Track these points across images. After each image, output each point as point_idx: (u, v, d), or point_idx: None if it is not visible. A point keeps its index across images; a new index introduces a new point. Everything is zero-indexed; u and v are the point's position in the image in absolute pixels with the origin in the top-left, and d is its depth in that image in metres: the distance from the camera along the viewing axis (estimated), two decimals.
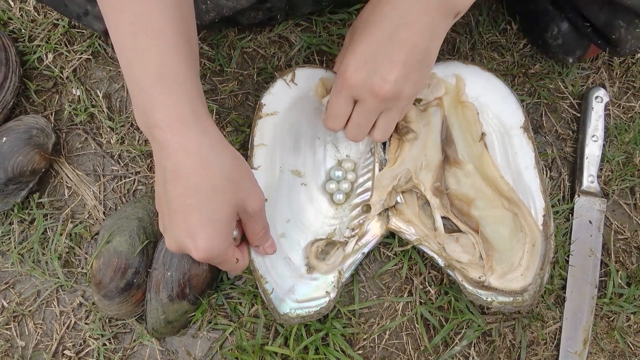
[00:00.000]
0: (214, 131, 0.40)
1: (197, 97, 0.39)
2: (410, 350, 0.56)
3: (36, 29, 0.61)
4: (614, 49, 0.51)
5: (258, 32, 0.62)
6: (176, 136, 0.38)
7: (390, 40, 0.40)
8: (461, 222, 0.54)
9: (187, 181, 0.38)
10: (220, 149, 0.40)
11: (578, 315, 0.56)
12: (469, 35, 0.63)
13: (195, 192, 0.39)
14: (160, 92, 0.38)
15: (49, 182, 0.60)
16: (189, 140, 0.38)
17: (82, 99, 0.60)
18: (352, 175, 0.56)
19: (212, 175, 0.39)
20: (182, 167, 0.38)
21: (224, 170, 0.39)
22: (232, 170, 0.40)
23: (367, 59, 0.41)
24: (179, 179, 0.39)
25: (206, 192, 0.39)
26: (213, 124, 0.41)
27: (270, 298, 0.51)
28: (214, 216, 0.40)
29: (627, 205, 0.61)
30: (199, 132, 0.39)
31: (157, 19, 0.38)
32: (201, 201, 0.39)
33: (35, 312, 0.57)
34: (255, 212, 0.43)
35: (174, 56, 0.38)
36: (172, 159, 0.38)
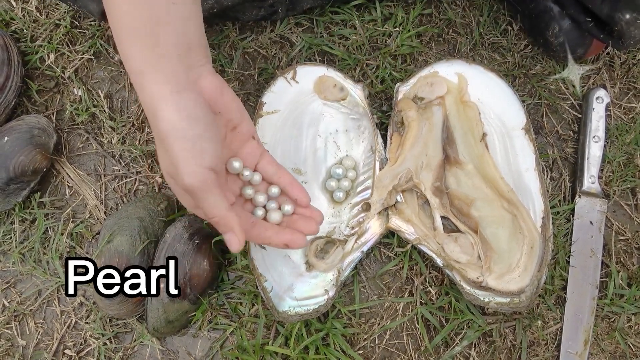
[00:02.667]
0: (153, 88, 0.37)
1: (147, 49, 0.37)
2: (411, 350, 0.56)
3: (38, 29, 0.62)
4: (618, 42, 0.51)
5: (259, 33, 0.62)
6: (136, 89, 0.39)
7: None
8: (460, 222, 0.54)
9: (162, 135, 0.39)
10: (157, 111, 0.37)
11: (579, 316, 0.56)
12: (470, 35, 0.63)
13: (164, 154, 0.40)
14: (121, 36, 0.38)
15: (50, 182, 0.60)
16: (140, 95, 0.38)
17: (83, 99, 0.61)
18: (352, 173, 0.56)
19: (154, 132, 0.39)
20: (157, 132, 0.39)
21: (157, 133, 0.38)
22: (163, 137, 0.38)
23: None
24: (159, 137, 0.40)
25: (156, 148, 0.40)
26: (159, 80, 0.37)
27: (269, 296, 0.51)
28: (165, 177, 0.41)
29: (628, 206, 0.61)
30: (140, 87, 0.38)
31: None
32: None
33: (36, 311, 0.57)
34: (185, 189, 0.39)
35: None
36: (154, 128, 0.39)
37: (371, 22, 0.62)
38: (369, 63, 0.61)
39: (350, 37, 0.61)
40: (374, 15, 0.62)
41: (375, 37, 0.61)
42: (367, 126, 0.57)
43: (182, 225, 0.54)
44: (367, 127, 0.57)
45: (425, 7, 0.62)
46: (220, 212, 0.39)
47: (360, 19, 0.61)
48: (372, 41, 0.61)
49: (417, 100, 0.56)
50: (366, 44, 0.61)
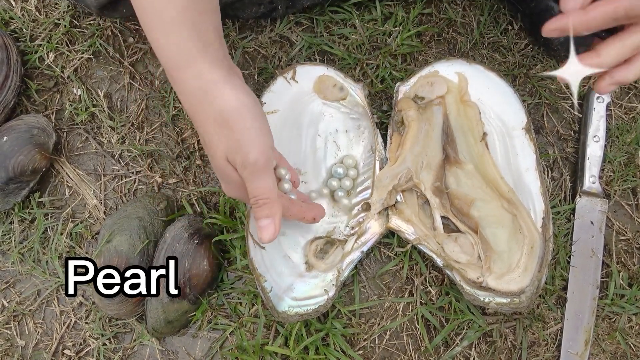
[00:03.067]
0: (210, 75, 0.39)
1: (194, 39, 0.38)
2: (411, 350, 0.56)
3: (37, 28, 0.62)
4: None
5: (259, 32, 0.62)
6: (175, 81, 0.40)
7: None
8: (460, 222, 0.54)
9: (193, 122, 0.41)
10: (216, 94, 0.39)
11: (579, 316, 0.56)
12: (470, 35, 0.63)
13: (200, 136, 0.41)
14: (159, 33, 0.38)
15: (49, 182, 0.60)
16: (184, 86, 0.39)
17: (83, 99, 0.60)
18: (353, 172, 0.56)
19: (207, 121, 0.39)
20: (186, 109, 0.41)
21: (217, 116, 0.38)
22: (228, 117, 0.38)
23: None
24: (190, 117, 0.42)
25: (205, 137, 0.40)
26: (213, 66, 0.39)
27: (268, 296, 0.51)
28: (214, 162, 0.41)
29: (629, 205, 0.61)
30: (191, 77, 0.39)
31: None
32: (205, 145, 0.41)
33: (35, 311, 0.57)
34: (243, 167, 0.39)
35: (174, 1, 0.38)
36: (180, 99, 0.41)
37: (371, 21, 0.61)
38: (369, 62, 0.61)
39: (350, 37, 0.61)
40: (374, 14, 0.61)
41: (375, 36, 0.61)
42: (367, 126, 0.57)
43: (181, 225, 0.54)
44: (367, 126, 0.57)
45: (425, 7, 0.62)
46: (273, 195, 0.40)
47: (360, 18, 0.61)
48: (372, 40, 0.61)
49: (418, 99, 0.56)
50: (366, 44, 0.61)
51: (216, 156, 0.40)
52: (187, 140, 0.60)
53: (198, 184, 0.59)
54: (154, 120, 0.61)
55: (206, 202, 0.59)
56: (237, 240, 0.56)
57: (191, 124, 0.60)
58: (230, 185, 0.42)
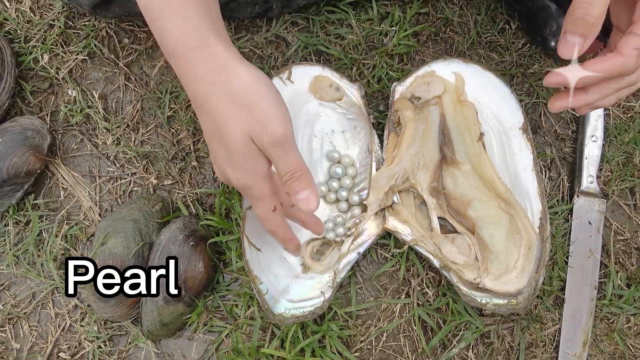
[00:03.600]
0: (224, 54, 0.38)
1: (205, 20, 0.38)
2: (408, 352, 0.55)
3: (32, 29, 0.61)
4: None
5: (255, 32, 0.62)
6: (186, 64, 0.38)
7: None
8: (457, 223, 0.53)
9: (203, 109, 0.39)
10: (230, 72, 0.38)
11: (577, 316, 0.56)
12: (467, 34, 0.62)
13: (212, 120, 0.39)
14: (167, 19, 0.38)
15: (44, 184, 0.59)
16: (196, 68, 0.38)
17: (77, 100, 0.60)
18: (352, 170, 0.56)
19: (221, 102, 0.38)
20: (196, 96, 0.39)
21: (234, 94, 0.38)
22: (246, 95, 0.38)
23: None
24: (197, 107, 0.40)
25: (220, 119, 0.38)
26: (224, 46, 0.38)
27: (264, 298, 0.50)
28: (231, 144, 0.39)
29: (627, 205, 0.60)
30: (205, 57, 0.38)
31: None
32: (218, 128, 0.39)
33: (30, 314, 0.57)
34: (272, 143, 0.38)
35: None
36: (188, 88, 0.39)
37: (367, 21, 0.61)
38: (366, 62, 0.60)
39: (346, 37, 0.60)
40: (371, 14, 0.61)
41: (372, 36, 0.61)
42: (364, 126, 0.56)
43: (176, 227, 0.54)
44: (363, 127, 0.57)
45: (422, 6, 0.62)
46: (304, 166, 0.39)
47: (356, 18, 0.61)
48: (369, 40, 0.61)
49: (414, 99, 0.56)
50: (362, 43, 0.60)
51: (234, 137, 0.38)
52: (183, 141, 0.60)
53: (194, 186, 0.59)
54: (149, 122, 0.60)
55: (202, 204, 0.58)
56: (233, 242, 0.55)
57: (187, 125, 0.60)
58: (244, 170, 0.40)
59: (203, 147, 0.60)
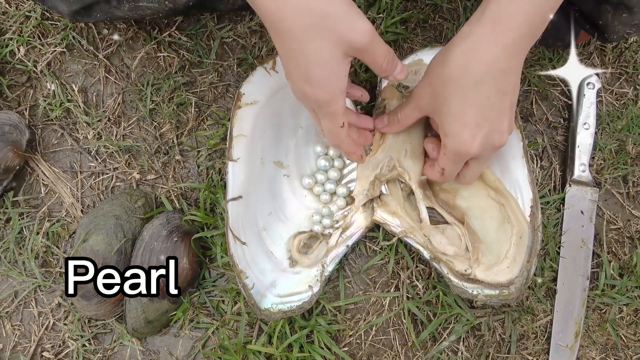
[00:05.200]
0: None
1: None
2: (398, 346, 0.54)
3: (7, 21, 0.59)
4: (602, 35, 0.50)
5: (238, 22, 0.60)
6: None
7: (496, 95, 0.40)
8: (447, 213, 0.52)
9: (282, 29, 0.38)
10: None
11: (569, 307, 0.55)
12: (457, 21, 0.61)
13: (291, 38, 0.38)
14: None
15: (24, 180, 0.58)
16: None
17: (57, 94, 0.58)
18: (339, 162, 0.55)
19: (301, 16, 0.37)
20: (274, 19, 0.38)
21: (313, 7, 0.37)
22: (324, 6, 0.38)
23: (478, 122, 0.41)
24: (277, 32, 0.39)
25: (301, 35, 0.38)
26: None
27: (250, 293, 0.49)
28: (318, 57, 0.39)
29: (620, 194, 0.59)
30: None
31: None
32: (301, 45, 0.38)
33: (12, 313, 0.55)
34: (364, 46, 0.39)
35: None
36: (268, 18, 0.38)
37: None
38: None
39: None
40: (358, 1, 0.59)
41: None
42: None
43: (159, 222, 0.53)
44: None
45: None
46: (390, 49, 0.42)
47: None
48: None
49: (402, 88, 0.55)
50: None
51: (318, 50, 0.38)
52: (166, 134, 0.59)
53: (178, 180, 0.58)
54: (131, 115, 0.59)
55: (186, 199, 0.57)
56: (218, 237, 0.54)
57: (169, 118, 0.58)
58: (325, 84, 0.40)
59: (187, 140, 0.58)
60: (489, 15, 0.39)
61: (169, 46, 0.59)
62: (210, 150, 0.57)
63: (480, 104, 0.40)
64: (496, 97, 0.40)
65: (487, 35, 0.39)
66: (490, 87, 0.40)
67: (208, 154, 0.58)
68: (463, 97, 0.40)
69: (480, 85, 0.40)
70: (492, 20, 0.39)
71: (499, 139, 0.42)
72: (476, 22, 0.40)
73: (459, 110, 0.41)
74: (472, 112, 0.41)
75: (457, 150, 0.42)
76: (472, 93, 0.40)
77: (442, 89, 0.41)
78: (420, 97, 0.45)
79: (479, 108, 0.40)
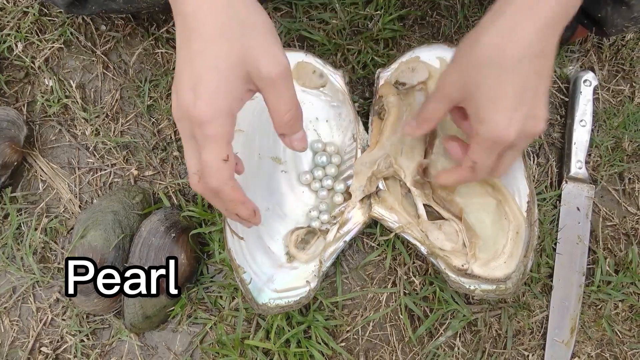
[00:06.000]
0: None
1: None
2: (395, 341, 0.55)
3: (5, 17, 0.59)
4: (601, 29, 0.50)
5: None
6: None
7: (534, 77, 0.38)
8: (444, 210, 0.53)
9: (193, 25, 0.34)
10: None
11: (565, 303, 0.55)
12: (454, 18, 0.61)
13: (199, 35, 0.34)
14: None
15: (22, 176, 0.58)
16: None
17: (55, 90, 0.59)
18: (337, 158, 0.55)
19: (219, 13, 0.34)
20: (188, 12, 0.34)
21: (235, 11, 0.34)
22: (247, 14, 0.34)
23: (516, 106, 0.38)
24: (186, 28, 0.35)
25: (210, 33, 0.34)
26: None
27: (248, 288, 0.50)
28: (216, 61, 0.34)
29: (616, 191, 0.60)
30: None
31: None
32: (205, 43, 0.34)
33: (11, 308, 0.56)
34: (271, 80, 0.35)
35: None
36: (182, 10, 0.35)
37: (352, 5, 0.59)
38: (350, 48, 0.59)
39: (330, 21, 0.59)
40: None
41: (357, 20, 0.59)
42: (348, 114, 0.55)
43: (157, 218, 0.53)
44: (348, 114, 0.55)
45: None
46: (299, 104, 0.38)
47: (340, 2, 0.59)
48: (353, 25, 0.59)
49: (399, 85, 0.55)
50: (347, 28, 0.59)
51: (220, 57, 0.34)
52: (164, 131, 0.59)
53: (176, 176, 0.58)
54: (129, 111, 0.59)
55: (184, 195, 0.57)
56: (216, 233, 0.54)
57: (168, 114, 0.58)
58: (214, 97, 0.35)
59: None
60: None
61: (167, 42, 0.59)
62: None
63: (518, 86, 0.37)
64: (534, 79, 0.37)
65: (523, 15, 0.36)
66: (529, 68, 0.37)
67: None
68: (499, 79, 0.37)
69: (518, 66, 0.37)
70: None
71: (534, 125, 0.39)
72: (509, 1, 0.37)
73: (495, 94, 0.38)
74: (509, 96, 0.37)
75: (493, 137, 0.39)
76: (509, 75, 0.37)
77: (475, 72, 0.38)
78: (448, 86, 0.41)
79: (517, 91, 0.37)
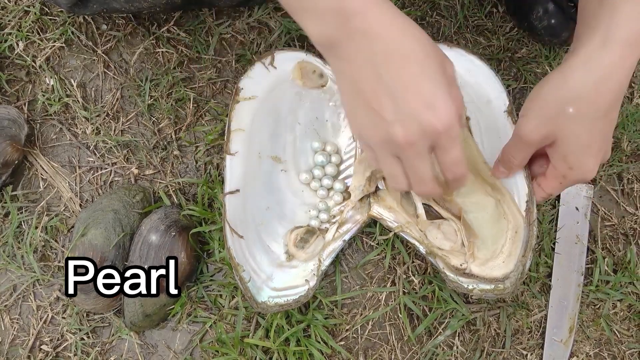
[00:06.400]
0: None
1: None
2: (394, 340, 0.55)
3: (6, 16, 0.59)
4: None
5: (236, 18, 0.60)
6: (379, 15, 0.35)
7: (616, 117, 0.40)
8: (443, 209, 0.53)
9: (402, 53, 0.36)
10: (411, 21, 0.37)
11: (564, 303, 0.56)
12: (454, 18, 0.61)
13: (414, 60, 0.36)
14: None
15: (23, 174, 0.58)
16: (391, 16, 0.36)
17: (55, 89, 0.59)
18: (336, 158, 0.55)
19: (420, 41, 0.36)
20: (393, 43, 0.36)
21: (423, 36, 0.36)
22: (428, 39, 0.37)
23: (601, 146, 0.41)
24: (393, 55, 0.36)
25: (422, 57, 0.36)
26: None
27: (247, 286, 0.50)
28: (439, 77, 0.36)
29: (615, 191, 0.60)
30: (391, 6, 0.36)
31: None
32: (423, 67, 0.36)
33: (11, 307, 0.56)
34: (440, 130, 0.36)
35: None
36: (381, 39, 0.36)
37: None
38: None
39: None
40: None
41: None
42: None
43: (157, 217, 0.53)
44: None
45: None
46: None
47: None
48: None
49: None
50: None
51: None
52: (164, 130, 0.59)
53: (176, 175, 0.58)
54: (130, 110, 0.59)
55: (184, 194, 0.58)
56: (216, 232, 0.55)
57: (168, 113, 0.58)
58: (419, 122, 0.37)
59: (185, 135, 0.59)
60: (619, 38, 0.37)
61: (168, 42, 0.59)
62: (208, 145, 0.58)
63: (607, 130, 0.40)
64: (615, 120, 0.40)
65: (617, 62, 0.37)
66: (616, 112, 0.39)
67: (206, 150, 0.58)
68: (591, 128, 0.39)
69: (609, 113, 0.39)
70: (623, 44, 0.37)
71: (606, 158, 0.42)
72: (601, 47, 0.38)
73: (586, 142, 0.40)
74: (598, 141, 0.40)
75: (583, 180, 0.42)
76: (600, 122, 0.39)
77: (567, 123, 0.40)
78: (532, 135, 0.42)
79: (604, 136, 0.40)
